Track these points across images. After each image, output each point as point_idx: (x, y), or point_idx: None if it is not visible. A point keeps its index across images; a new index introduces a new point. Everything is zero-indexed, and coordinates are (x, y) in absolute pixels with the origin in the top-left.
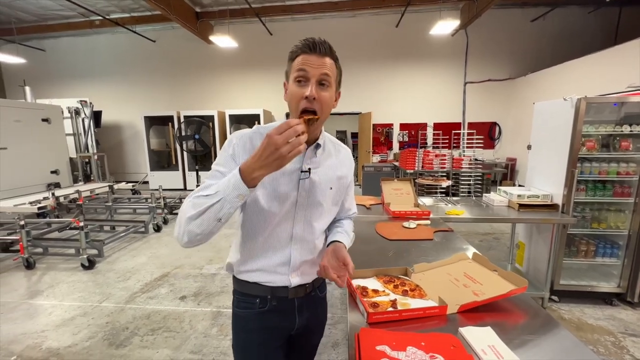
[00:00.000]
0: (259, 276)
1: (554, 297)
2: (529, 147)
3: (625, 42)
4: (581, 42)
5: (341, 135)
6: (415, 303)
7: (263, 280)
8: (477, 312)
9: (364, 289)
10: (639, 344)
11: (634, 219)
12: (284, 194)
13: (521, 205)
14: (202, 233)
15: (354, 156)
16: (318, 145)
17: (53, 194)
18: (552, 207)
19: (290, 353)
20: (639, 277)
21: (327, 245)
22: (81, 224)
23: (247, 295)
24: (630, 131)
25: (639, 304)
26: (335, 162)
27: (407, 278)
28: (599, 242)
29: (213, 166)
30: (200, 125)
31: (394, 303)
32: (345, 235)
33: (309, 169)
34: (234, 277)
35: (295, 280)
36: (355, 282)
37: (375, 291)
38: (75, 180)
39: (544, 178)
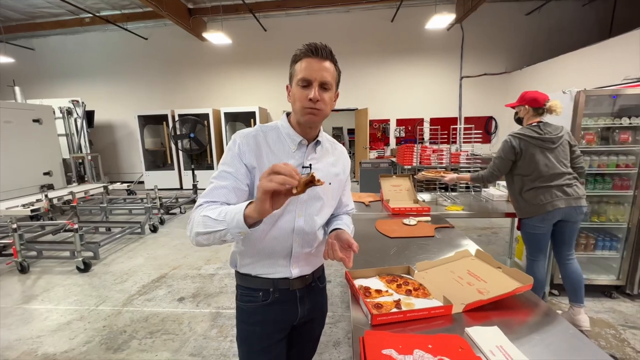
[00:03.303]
0: (261, 268)
1: (554, 291)
2: None
3: (620, 34)
4: (577, 35)
5: (337, 132)
6: (419, 303)
7: (265, 273)
8: (482, 311)
9: (367, 289)
10: (639, 336)
11: (633, 211)
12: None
13: None
14: (209, 245)
15: (351, 153)
16: (318, 142)
17: (46, 195)
18: None
19: (293, 345)
20: (637, 270)
21: (329, 232)
22: (76, 226)
23: (250, 289)
24: (630, 123)
25: (638, 296)
26: (332, 159)
27: (410, 277)
28: (599, 235)
29: (220, 166)
30: (195, 123)
31: (397, 303)
32: (345, 226)
33: (310, 164)
34: (236, 271)
35: (295, 271)
36: (358, 282)
37: (378, 291)
38: (69, 182)
39: None
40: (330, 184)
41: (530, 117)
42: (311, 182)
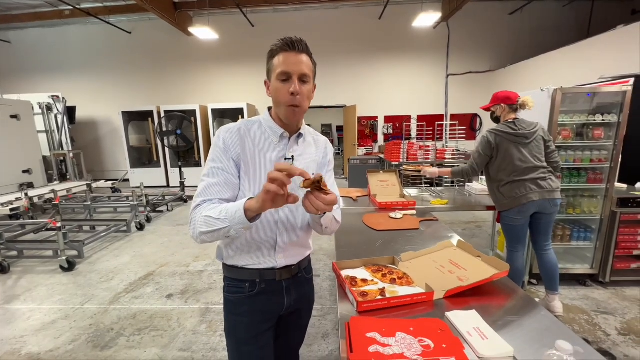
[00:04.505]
0: (247, 260)
1: (532, 281)
2: None
3: (597, 34)
4: (557, 35)
5: (326, 129)
6: (403, 290)
7: (251, 264)
8: (462, 297)
9: (353, 279)
10: (610, 321)
11: (605, 204)
12: None
13: None
14: (214, 241)
15: (339, 150)
16: (300, 135)
17: (26, 194)
18: None
19: (281, 335)
20: (609, 259)
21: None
22: (58, 224)
23: (236, 280)
24: (602, 120)
25: (609, 284)
26: (314, 150)
27: (395, 267)
28: (574, 227)
29: (208, 163)
30: (182, 120)
31: (382, 291)
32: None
33: (292, 156)
34: (223, 264)
35: (281, 261)
36: (345, 273)
37: (364, 281)
38: (50, 180)
39: None
40: (313, 174)
41: (506, 115)
42: (318, 182)
